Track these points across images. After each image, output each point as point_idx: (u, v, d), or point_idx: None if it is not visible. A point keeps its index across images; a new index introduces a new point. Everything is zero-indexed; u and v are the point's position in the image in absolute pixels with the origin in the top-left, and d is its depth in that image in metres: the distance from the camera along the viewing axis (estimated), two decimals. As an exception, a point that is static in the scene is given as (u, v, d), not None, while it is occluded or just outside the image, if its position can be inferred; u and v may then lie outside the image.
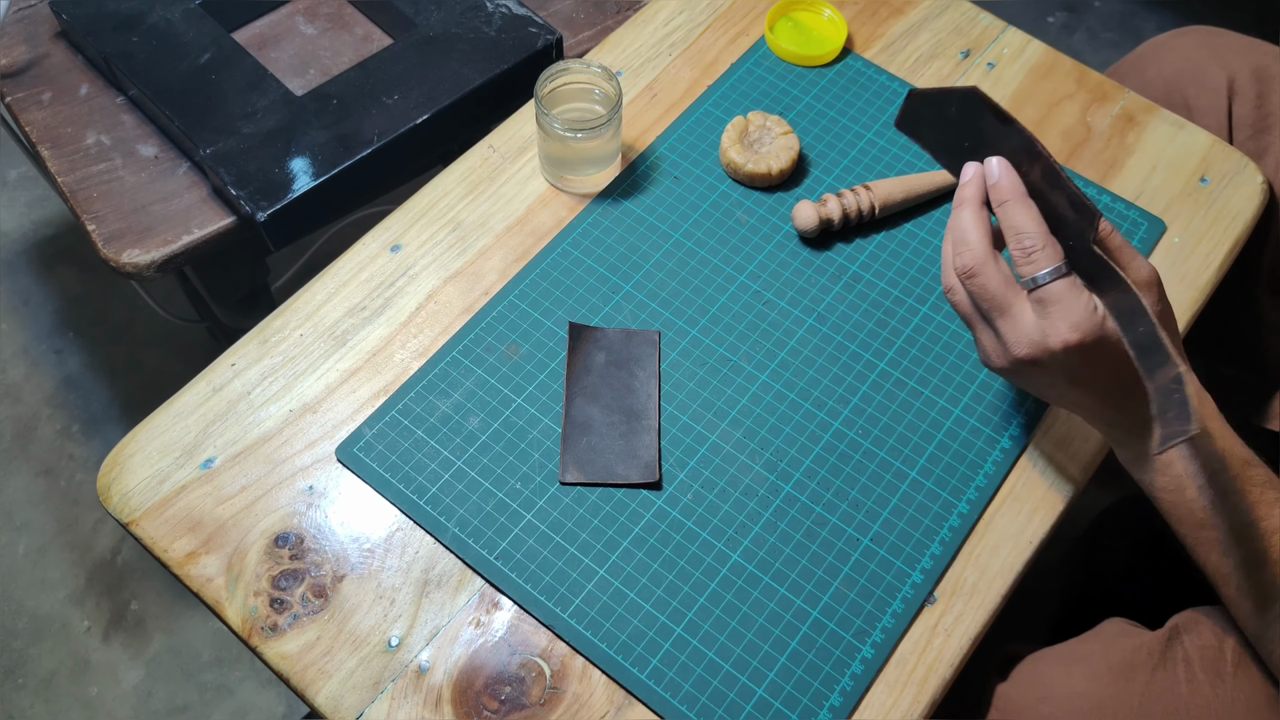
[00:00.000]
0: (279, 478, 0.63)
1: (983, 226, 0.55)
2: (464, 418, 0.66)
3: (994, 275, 0.54)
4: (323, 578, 0.60)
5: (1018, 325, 0.54)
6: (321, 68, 0.93)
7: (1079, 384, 0.55)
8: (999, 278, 0.54)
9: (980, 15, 0.87)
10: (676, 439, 0.66)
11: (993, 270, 0.54)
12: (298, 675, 0.57)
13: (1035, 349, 0.53)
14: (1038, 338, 0.53)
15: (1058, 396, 0.58)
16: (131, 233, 0.83)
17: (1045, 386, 0.58)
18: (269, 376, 0.67)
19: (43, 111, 0.89)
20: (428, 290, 0.71)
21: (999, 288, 0.54)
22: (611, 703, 0.57)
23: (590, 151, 0.72)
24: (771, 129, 0.76)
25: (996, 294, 0.54)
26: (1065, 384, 0.56)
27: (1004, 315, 0.54)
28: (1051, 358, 0.53)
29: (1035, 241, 0.52)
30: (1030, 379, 0.57)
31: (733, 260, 0.73)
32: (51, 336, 1.38)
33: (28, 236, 1.46)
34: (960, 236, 0.55)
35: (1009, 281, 0.54)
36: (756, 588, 0.61)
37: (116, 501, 0.62)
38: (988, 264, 0.54)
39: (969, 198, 0.56)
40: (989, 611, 0.61)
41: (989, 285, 0.54)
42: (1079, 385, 0.55)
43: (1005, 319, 0.54)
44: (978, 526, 0.63)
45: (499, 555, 0.61)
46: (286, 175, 0.83)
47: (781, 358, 0.69)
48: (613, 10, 1.00)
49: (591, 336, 0.69)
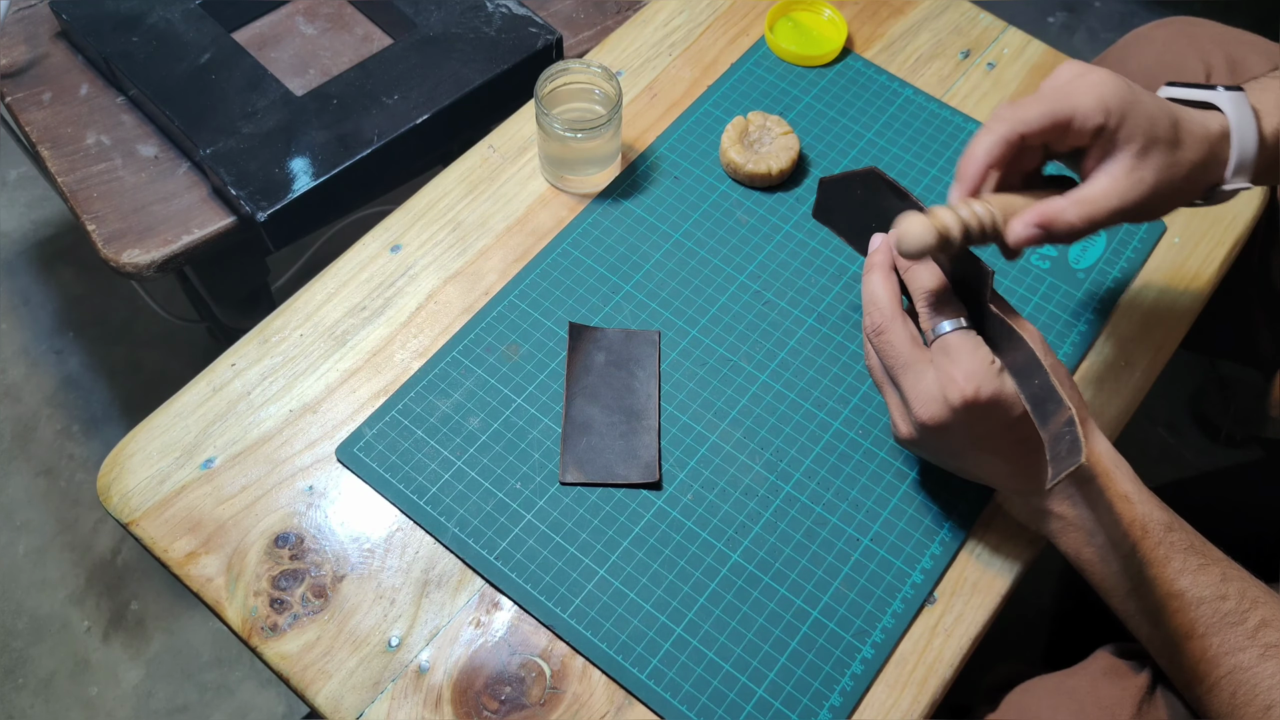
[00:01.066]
0: (279, 478, 0.63)
1: (891, 287, 0.57)
2: (464, 418, 0.66)
3: (900, 332, 0.55)
4: (323, 578, 0.60)
5: (920, 383, 0.54)
6: (321, 68, 0.93)
7: (982, 447, 0.55)
8: (905, 335, 0.55)
9: (980, 15, 0.87)
10: (676, 439, 0.66)
11: (900, 327, 0.55)
12: (298, 675, 0.57)
13: (936, 407, 0.53)
14: (937, 394, 0.53)
15: (962, 465, 0.58)
16: (131, 233, 0.83)
17: (949, 455, 0.58)
18: (269, 376, 0.67)
19: (43, 111, 0.89)
20: (428, 290, 0.71)
21: (904, 344, 0.55)
22: (611, 703, 0.57)
23: (590, 151, 0.72)
24: (771, 129, 0.76)
25: (902, 351, 0.55)
26: (969, 447, 0.56)
27: (907, 373, 0.55)
28: (953, 417, 0.53)
29: (938, 297, 0.55)
30: (935, 446, 0.57)
31: (733, 260, 0.73)
32: (51, 336, 1.38)
33: (28, 236, 1.46)
34: (870, 298, 0.57)
35: (915, 340, 0.55)
36: (756, 588, 0.61)
37: (116, 501, 0.62)
38: (895, 321, 0.55)
39: (878, 263, 0.58)
40: (989, 611, 0.61)
41: (895, 342, 0.55)
42: (982, 449, 0.55)
43: (908, 376, 0.55)
44: (978, 526, 0.64)
45: (499, 555, 0.61)
46: (286, 175, 0.83)
47: (781, 358, 0.69)
48: (613, 10, 1.00)
49: (591, 336, 0.69)
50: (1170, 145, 0.54)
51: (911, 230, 0.51)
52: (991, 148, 0.54)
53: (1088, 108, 0.53)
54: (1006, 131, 0.53)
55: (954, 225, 0.51)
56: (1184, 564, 0.54)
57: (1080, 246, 0.75)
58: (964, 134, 0.80)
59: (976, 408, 0.52)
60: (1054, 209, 0.53)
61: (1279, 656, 0.52)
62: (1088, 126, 0.53)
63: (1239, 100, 0.57)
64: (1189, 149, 0.55)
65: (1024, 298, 0.72)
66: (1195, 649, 0.54)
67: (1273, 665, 0.52)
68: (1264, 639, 0.52)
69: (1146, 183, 0.54)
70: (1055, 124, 0.53)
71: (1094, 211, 0.53)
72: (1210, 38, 0.84)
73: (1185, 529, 0.55)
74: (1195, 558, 0.54)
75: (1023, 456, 0.55)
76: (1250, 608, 0.53)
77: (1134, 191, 0.53)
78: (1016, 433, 0.54)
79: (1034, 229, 0.53)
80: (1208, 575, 0.54)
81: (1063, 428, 0.49)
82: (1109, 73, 0.54)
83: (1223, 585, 0.54)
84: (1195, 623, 0.54)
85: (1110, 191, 0.54)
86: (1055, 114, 0.53)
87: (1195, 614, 0.54)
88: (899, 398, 0.56)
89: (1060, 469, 0.48)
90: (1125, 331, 0.72)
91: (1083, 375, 0.70)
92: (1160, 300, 0.73)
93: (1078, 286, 0.73)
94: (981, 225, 0.52)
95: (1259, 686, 0.52)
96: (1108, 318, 0.72)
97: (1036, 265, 0.74)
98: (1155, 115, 0.54)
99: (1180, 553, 0.54)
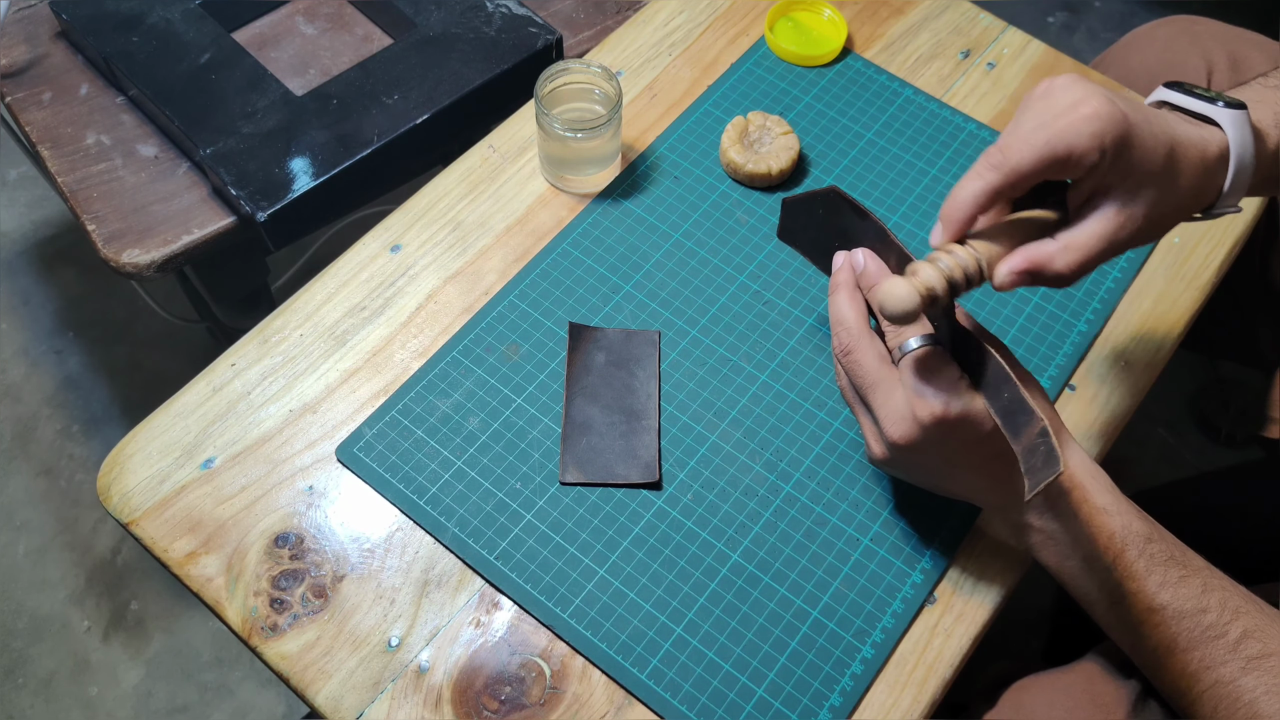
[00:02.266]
0: (279, 478, 0.63)
1: (858, 307, 0.56)
2: (464, 418, 0.66)
3: (868, 350, 0.55)
4: (323, 578, 0.60)
5: (890, 401, 0.54)
6: (321, 68, 0.94)
7: (956, 463, 0.55)
8: (873, 353, 0.55)
9: (980, 15, 0.87)
10: (676, 439, 0.66)
11: (867, 346, 0.55)
12: (298, 675, 0.57)
13: (907, 426, 0.53)
14: (907, 412, 0.53)
15: (939, 483, 0.58)
16: (131, 233, 0.83)
17: (925, 473, 0.58)
18: (269, 376, 0.67)
19: (43, 111, 0.89)
20: (428, 290, 0.71)
21: (873, 363, 0.54)
22: (611, 703, 0.57)
23: (590, 151, 0.72)
24: (771, 129, 0.76)
25: (870, 370, 0.54)
26: (942, 464, 0.55)
27: (876, 391, 0.54)
28: (924, 434, 0.52)
29: None
30: (909, 465, 0.57)
31: (733, 260, 0.73)
32: (51, 336, 1.38)
33: (28, 236, 1.46)
34: (837, 318, 0.56)
35: (883, 359, 0.55)
36: (756, 588, 0.61)
37: (116, 501, 0.62)
38: (862, 339, 0.55)
39: (842, 283, 0.57)
40: (989, 611, 0.61)
41: (864, 360, 0.55)
42: (956, 465, 0.55)
43: (878, 395, 0.54)
44: (978, 526, 0.63)
45: (499, 555, 0.61)
46: (286, 175, 0.83)
47: (781, 358, 0.69)
48: (613, 10, 1.00)
49: (591, 336, 0.69)
50: (1165, 176, 0.51)
51: (894, 295, 0.48)
52: (980, 195, 0.51)
53: (1084, 147, 0.49)
54: (997, 182, 0.50)
55: (938, 283, 0.49)
56: (1165, 577, 0.53)
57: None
58: (964, 134, 0.80)
59: (946, 423, 0.52)
60: (1043, 255, 0.51)
61: (1260, 669, 0.52)
62: (1083, 165, 0.50)
63: (1240, 121, 0.54)
64: (1184, 177, 0.53)
65: (1024, 298, 0.72)
66: (1177, 664, 0.53)
67: (1254, 678, 0.52)
68: (1245, 651, 0.52)
69: (1138, 219, 0.51)
70: (1049, 166, 0.50)
71: (1084, 258, 0.51)
72: (1212, 36, 0.84)
73: (1166, 539, 0.55)
74: (1176, 569, 0.54)
75: (997, 472, 0.55)
76: (1232, 619, 0.53)
77: (1125, 230, 0.51)
78: (988, 447, 0.53)
79: (1020, 276, 0.51)
80: (1188, 588, 0.53)
81: (1036, 439, 0.48)
82: (1106, 100, 0.50)
83: (1204, 597, 0.53)
84: (1177, 637, 0.53)
85: (1101, 234, 0.51)
86: (1049, 158, 0.50)
87: (1176, 628, 0.53)
88: (870, 418, 0.56)
89: (1037, 480, 0.47)
90: (1125, 331, 0.72)
91: (1083, 375, 0.70)
92: (1160, 300, 0.73)
93: (1078, 286, 0.73)
94: (966, 275, 0.50)
95: (1241, 700, 0.52)
96: (1108, 318, 0.72)
97: (1036, 265, 0.74)
98: (1151, 147, 0.51)
99: (1161, 565, 0.54)
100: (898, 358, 0.54)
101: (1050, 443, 0.47)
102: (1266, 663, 0.52)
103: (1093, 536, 0.54)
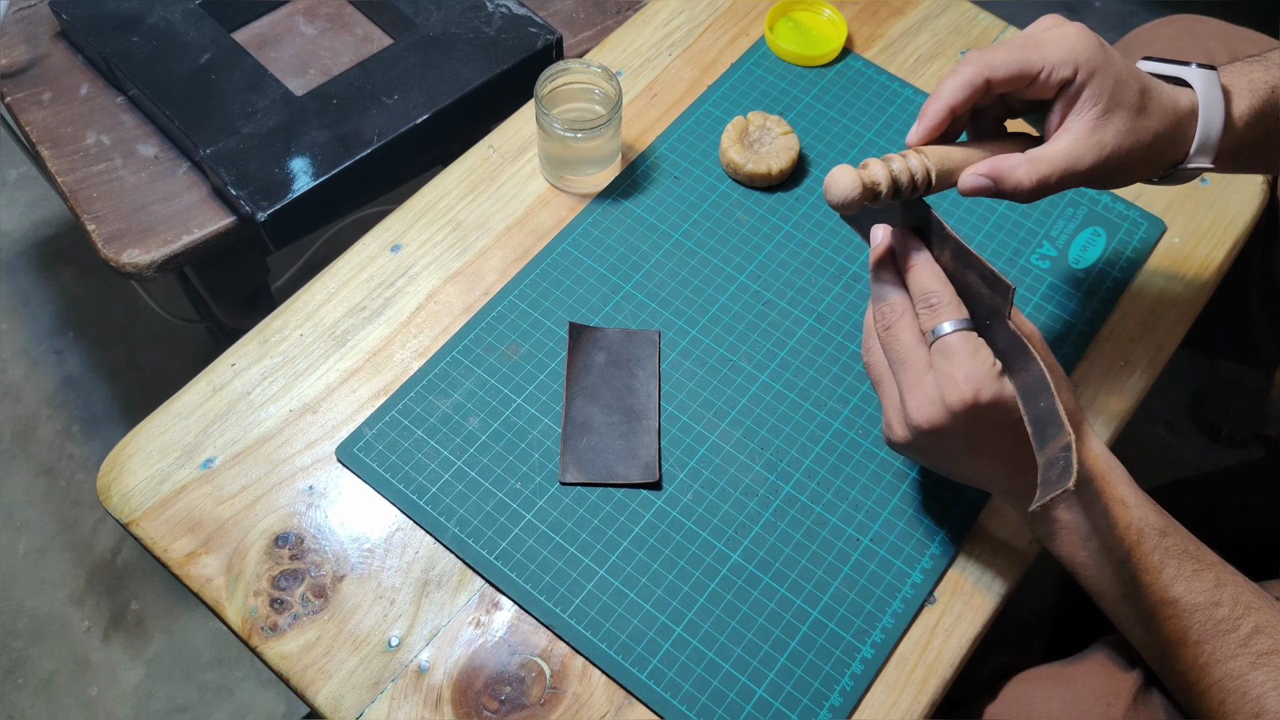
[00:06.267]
0: (279, 478, 0.63)
1: (904, 284, 0.56)
2: (464, 418, 0.66)
3: (909, 328, 0.54)
4: (323, 578, 0.60)
5: (919, 384, 0.53)
6: (321, 68, 0.94)
7: (978, 451, 0.55)
8: (913, 332, 0.54)
9: (980, 15, 0.87)
10: (676, 439, 0.66)
11: (910, 323, 0.55)
12: (298, 675, 0.57)
13: (934, 410, 0.52)
14: (936, 396, 0.52)
15: (956, 469, 0.58)
16: (131, 233, 0.83)
17: (944, 459, 0.57)
18: (269, 376, 0.67)
19: (43, 111, 0.89)
20: (428, 290, 0.71)
21: (910, 341, 0.54)
22: (611, 703, 0.57)
23: (590, 151, 0.72)
24: (771, 129, 0.76)
25: (907, 346, 0.54)
26: (964, 451, 0.55)
27: (908, 370, 0.54)
28: (951, 420, 0.52)
29: (940, 298, 0.53)
30: (930, 450, 0.56)
31: (733, 260, 0.73)
32: (51, 336, 1.38)
33: (28, 236, 1.46)
34: (880, 294, 0.56)
35: (920, 341, 0.54)
36: (756, 588, 0.61)
37: (116, 501, 0.62)
38: (906, 316, 0.55)
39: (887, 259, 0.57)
40: (989, 611, 0.61)
41: (902, 337, 0.54)
42: (978, 452, 0.55)
43: (909, 374, 0.54)
44: (978, 526, 0.64)
45: (499, 555, 0.61)
46: (286, 175, 0.83)
47: (781, 358, 0.69)
48: (613, 10, 1.00)
49: (591, 336, 0.69)
50: (1135, 111, 0.54)
51: (838, 182, 0.51)
52: (957, 90, 0.53)
53: (1057, 60, 0.52)
54: (973, 75, 0.53)
55: (882, 178, 0.51)
56: (1178, 570, 0.54)
57: (1080, 246, 0.75)
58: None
59: (976, 410, 0.51)
60: (1008, 164, 0.53)
61: (1269, 664, 0.52)
62: (1055, 79, 0.53)
63: (1210, 79, 0.56)
64: (1154, 118, 0.55)
65: (1024, 298, 0.72)
66: (1187, 656, 0.54)
67: (1263, 673, 0.52)
68: (1256, 646, 0.52)
69: (1106, 146, 0.53)
70: (1024, 72, 0.53)
71: (1048, 171, 0.53)
72: (1214, 35, 0.84)
73: (1180, 533, 0.55)
74: (1190, 563, 0.54)
75: (1017, 461, 0.55)
76: (1243, 614, 0.53)
77: (1091, 154, 0.53)
78: (1011, 435, 0.53)
79: (983, 179, 0.53)
80: (1201, 581, 0.54)
81: (1059, 452, 0.48)
82: (1083, 28, 0.54)
83: (1216, 591, 0.53)
84: (1188, 630, 0.53)
85: (1067, 152, 0.53)
86: (1024, 62, 0.53)
87: (1188, 621, 0.53)
88: (897, 397, 0.56)
89: (1048, 491, 0.47)
90: (1125, 331, 0.72)
91: (1083, 375, 0.70)
92: (1160, 300, 0.73)
93: (1078, 286, 0.73)
94: (913, 178, 0.52)
95: (1248, 694, 0.52)
96: (1108, 318, 0.72)
97: (1036, 265, 0.74)
98: (1124, 78, 0.53)
99: (1175, 558, 0.54)
100: (931, 341, 0.53)
101: (1070, 458, 0.47)
102: (1276, 658, 0.52)
103: (1110, 527, 0.54)
